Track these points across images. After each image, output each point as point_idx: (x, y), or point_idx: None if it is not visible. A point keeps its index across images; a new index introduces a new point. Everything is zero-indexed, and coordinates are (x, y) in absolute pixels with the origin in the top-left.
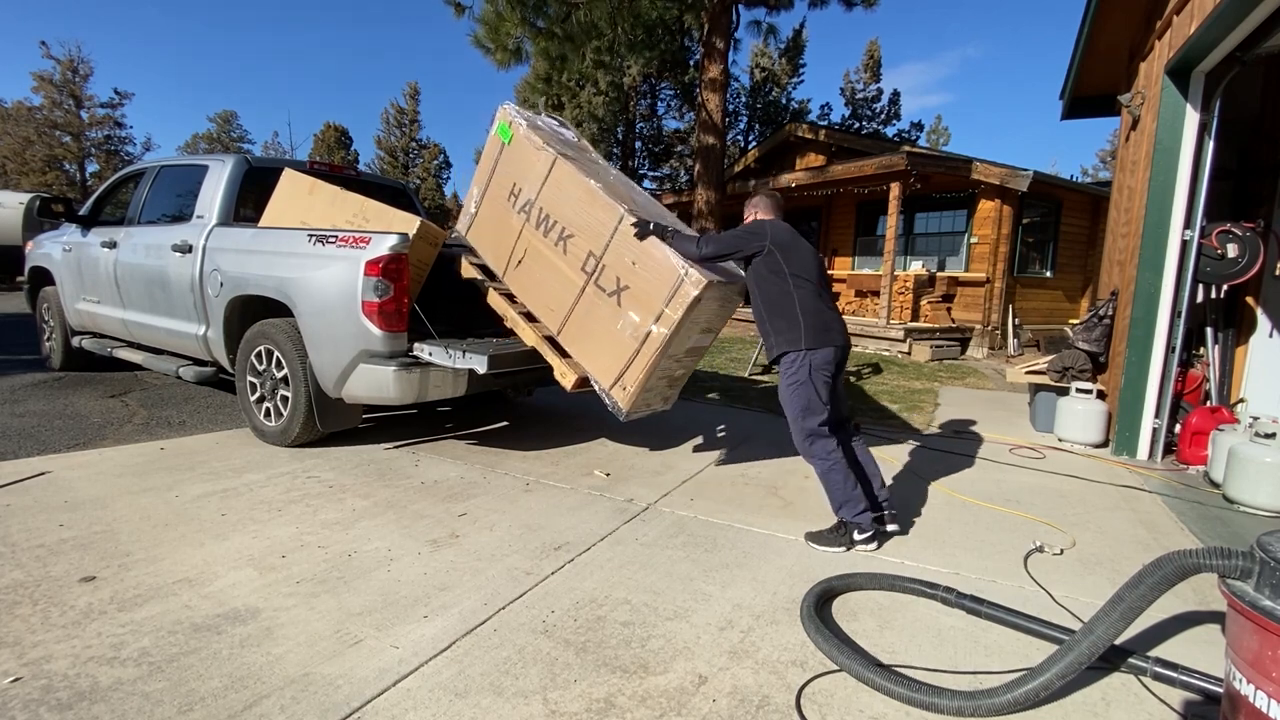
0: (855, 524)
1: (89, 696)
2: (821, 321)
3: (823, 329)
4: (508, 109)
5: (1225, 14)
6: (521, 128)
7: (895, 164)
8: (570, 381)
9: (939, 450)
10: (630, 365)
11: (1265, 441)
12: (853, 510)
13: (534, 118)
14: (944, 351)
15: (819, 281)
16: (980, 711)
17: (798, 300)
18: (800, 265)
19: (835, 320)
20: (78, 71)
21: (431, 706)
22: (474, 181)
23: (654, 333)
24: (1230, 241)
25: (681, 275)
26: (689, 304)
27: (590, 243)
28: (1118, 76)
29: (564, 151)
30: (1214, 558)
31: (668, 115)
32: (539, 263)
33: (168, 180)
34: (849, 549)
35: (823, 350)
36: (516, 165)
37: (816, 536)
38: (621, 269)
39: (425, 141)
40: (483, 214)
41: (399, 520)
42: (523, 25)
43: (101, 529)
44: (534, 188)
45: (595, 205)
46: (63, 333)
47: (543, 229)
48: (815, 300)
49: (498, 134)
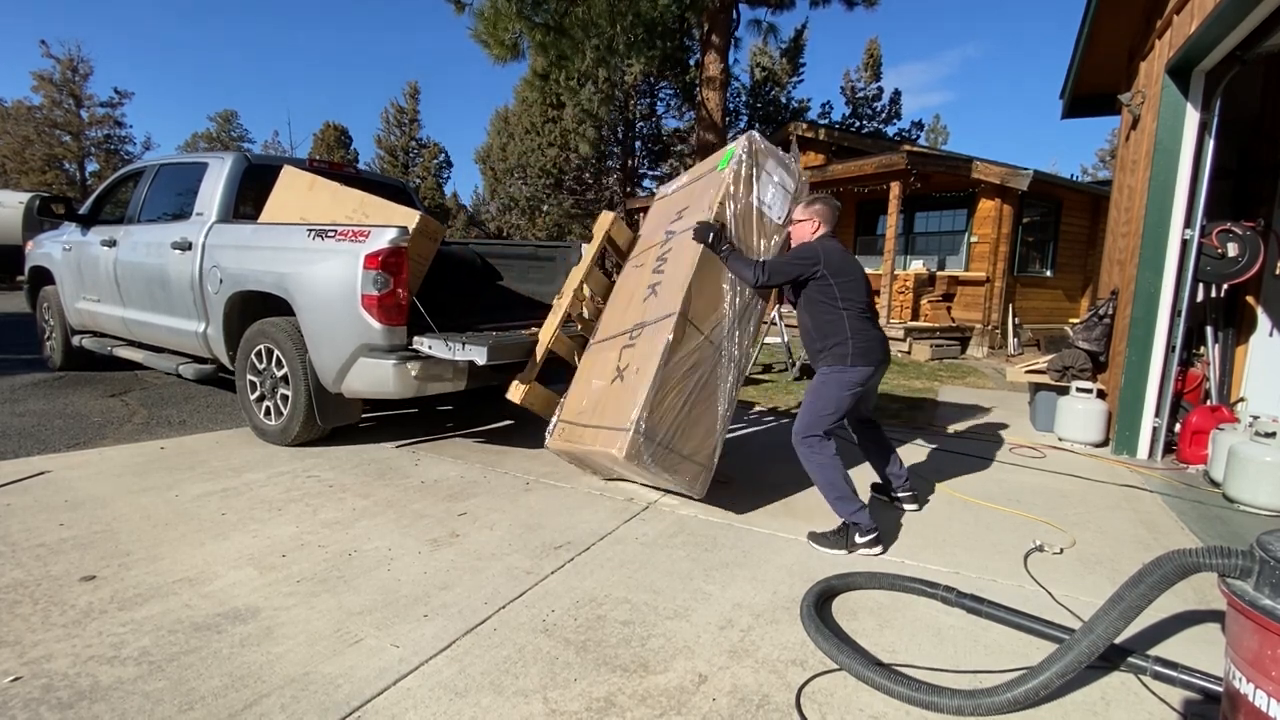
0: (855, 524)
1: (89, 696)
2: (866, 342)
3: (866, 350)
4: (754, 139)
5: (1225, 13)
6: (742, 167)
7: (895, 163)
8: (515, 395)
9: (939, 449)
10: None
11: (1265, 441)
12: (849, 508)
13: (774, 158)
14: (944, 351)
15: (866, 303)
16: (980, 710)
17: (847, 323)
18: (851, 289)
19: (878, 340)
20: (77, 71)
21: (432, 705)
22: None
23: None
24: (1230, 241)
25: (627, 429)
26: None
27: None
28: (1118, 76)
29: (752, 204)
30: (1214, 557)
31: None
32: (629, 280)
33: (167, 178)
34: (850, 552)
35: (863, 369)
36: (700, 193)
37: (819, 538)
38: (633, 354)
39: (425, 141)
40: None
41: (399, 519)
42: (520, 20)
43: (102, 528)
44: (687, 222)
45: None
46: (63, 332)
47: (653, 264)
48: (861, 321)
49: (718, 160)
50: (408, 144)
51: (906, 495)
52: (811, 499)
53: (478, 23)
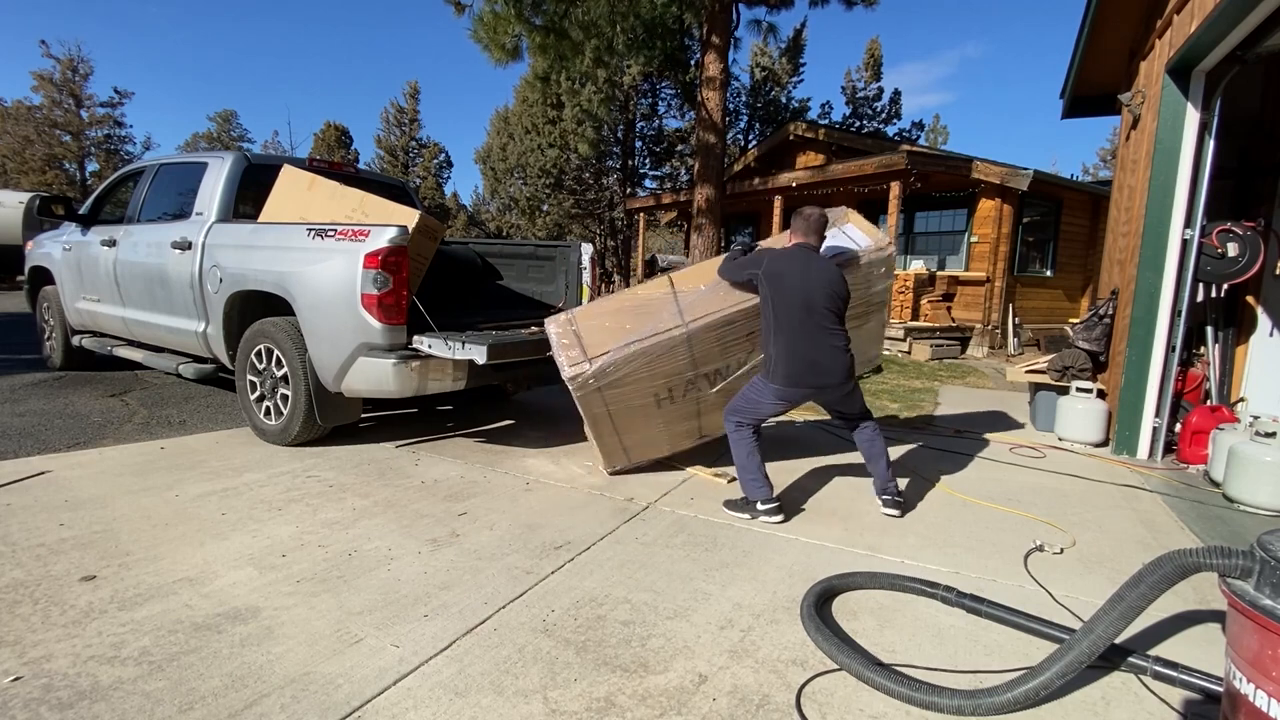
0: (752, 500)
1: (89, 695)
2: (790, 364)
3: (788, 373)
4: (850, 213)
5: (1226, 13)
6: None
7: (895, 163)
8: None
9: (939, 449)
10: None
11: (1265, 440)
12: (752, 491)
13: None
14: (944, 350)
15: (803, 321)
16: (980, 710)
17: (773, 337)
18: (782, 303)
19: (808, 364)
20: (77, 70)
21: (432, 705)
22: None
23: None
24: (1231, 240)
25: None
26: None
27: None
28: (1118, 75)
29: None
30: (1214, 557)
31: (668, 115)
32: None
33: (167, 178)
34: (753, 517)
35: (782, 387)
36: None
37: (729, 504)
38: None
39: (425, 141)
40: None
41: (399, 519)
42: (520, 23)
43: (102, 528)
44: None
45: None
46: (63, 332)
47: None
48: (793, 339)
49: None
50: (408, 144)
51: (886, 500)
52: (810, 498)
53: (477, 26)
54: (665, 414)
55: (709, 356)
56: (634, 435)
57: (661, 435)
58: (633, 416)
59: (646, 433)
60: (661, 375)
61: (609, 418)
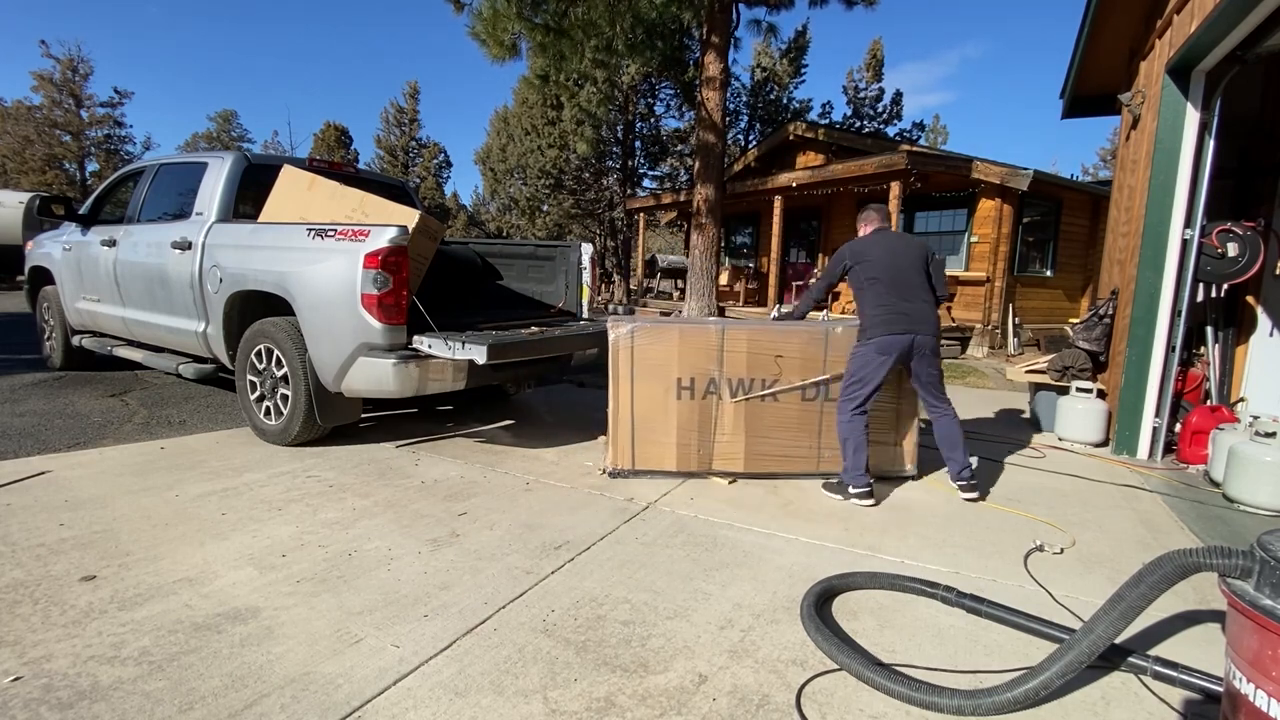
0: (845, 483)
1: (89, 695)
2: (890, 314)
3: (889, 321)
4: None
5: (1226, 13)
6: None
7: (895, 163)
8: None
9: (938, 449)
10: None
11: (1265, 440)
12: (850, 474)
13: None
14: (944, 350)
15: (894, 278)
16: (980, 710)
17: (866, 299)
18: (876, 267)
19: (906, 314)
20: (77, 71)
21: (432, 705)
22: None
23: None
24: (1231, 240)
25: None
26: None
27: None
28: (1118, 75)
29: None
30: (1214, 557)
31: (667, 115)
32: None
33: (167, 178)
34: (845, 499)
35: (886, 338)
36: None
37: (827, 485)
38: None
39: (425, 141)
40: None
41: (399, 519)
42: (519, 20)
43: (102, 528)
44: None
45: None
46: (63, 332)
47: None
48: (888, 295)
49: None
50: (408, 144)
51: (963, 484)
52: (810, 499)
53: (476, 22)
54: (681, 411)
55: (735, 363)
56: (645, 427)
57: (670, 440)
58: (652, 403)
59: (659, 421)
60: (689, 357)
61: (630, 381)
